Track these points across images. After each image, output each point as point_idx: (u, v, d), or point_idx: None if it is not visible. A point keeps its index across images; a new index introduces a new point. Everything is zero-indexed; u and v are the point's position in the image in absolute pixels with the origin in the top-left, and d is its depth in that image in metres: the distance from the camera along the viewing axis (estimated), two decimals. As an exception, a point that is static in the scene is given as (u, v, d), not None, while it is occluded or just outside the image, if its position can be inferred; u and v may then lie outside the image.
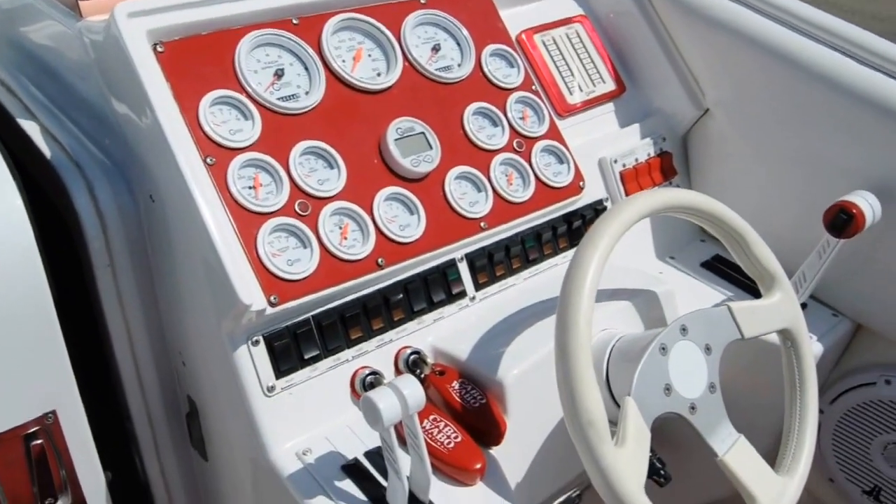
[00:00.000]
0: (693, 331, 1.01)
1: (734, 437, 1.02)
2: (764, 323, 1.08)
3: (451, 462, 0.95)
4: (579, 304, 0.88)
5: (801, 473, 1.05)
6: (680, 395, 0.98)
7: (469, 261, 1.15)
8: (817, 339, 1.26)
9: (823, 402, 1.38)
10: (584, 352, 0.86)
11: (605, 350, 1.07)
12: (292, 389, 0.99)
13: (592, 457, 0.85)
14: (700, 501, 1.48)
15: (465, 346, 1.08)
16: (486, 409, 1.01)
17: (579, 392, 0.85)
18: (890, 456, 1.32)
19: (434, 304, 1.11)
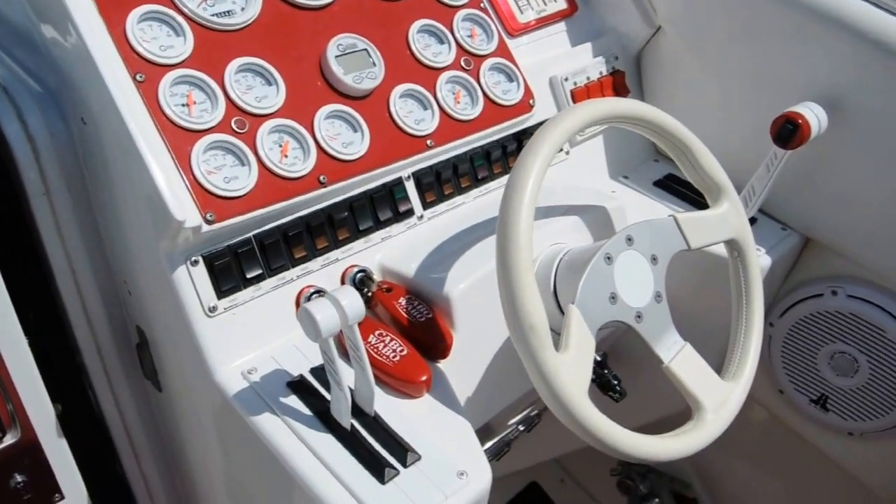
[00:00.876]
0: (639, 241, 1.01)
1: (680, 344, 1.02)
2: (710, 233, 1.08)
3: (397, 375, 0.94)
4: (519, 209, 0.88)
5: (747, 379, 1.07)
6: (625, 303, 0.98)
7: (416, 179, 1.14)
8: (766, 252, 1.27)
9: (773, 316, 1.40)
10: (524, 257, 0.86)
11: (553, 263, 1.07)
12: (235, 310, 0.98)
13: (534, 362, 0.85)
14: (658, 416, 1.50)
15: (412, 264, 1.07)
16: (432, 324, 1.01)
17: (520, 297, 0.85)
18: (836, 365, 1.34)
19: (381, 223, 1.10)
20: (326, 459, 0.86)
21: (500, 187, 1.22)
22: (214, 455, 1.11)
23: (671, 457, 0.97)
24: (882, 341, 1.27)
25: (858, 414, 1.34)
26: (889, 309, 1.25)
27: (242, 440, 0.95)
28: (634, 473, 1.69)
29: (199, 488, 1.29)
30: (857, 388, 1.33)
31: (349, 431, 0.89)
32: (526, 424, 1.51)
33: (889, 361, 1.27)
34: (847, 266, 1.31)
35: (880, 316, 1.26)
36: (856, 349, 1.31)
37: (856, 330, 1.29)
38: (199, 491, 1.29)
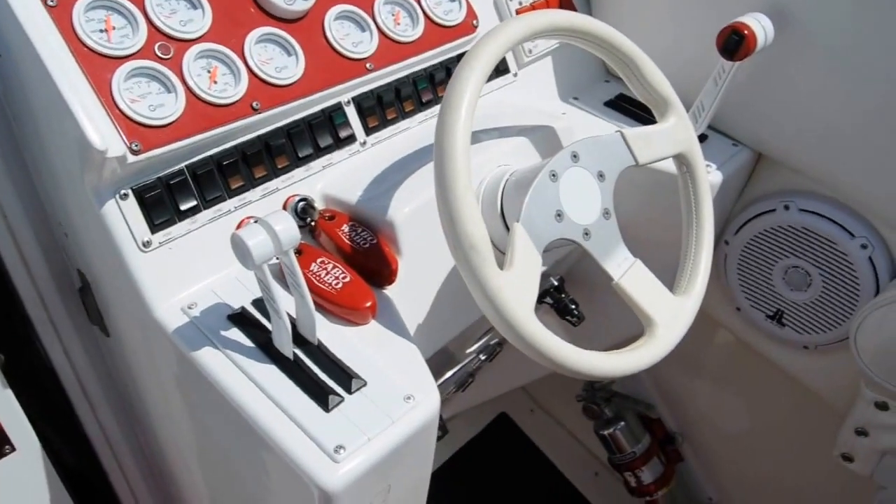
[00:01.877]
0: (585, 157, 0.99)
1: (630, 261, 1.01)
2: (658, 148, 1.06)
3: (340, 302, 0.92)
4: (455, 125, 0.85)
5: (698, 293, 1.06)
6: (572, 220, 0.96)
7: (357, 104, 1.10)
8: (716, 168, 1.25)
9: (728, 234, 1.39)
10: (462, 174, 0.83)
11: (499, 185, 1.04)
12: (171, 244, 0.95)
13: (476, 281, 0.83)
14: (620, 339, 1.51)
15: (355, 191, 1.05)
16: (376, 250, 0.98)
17: (459, 216, 0.83)
18: (790, 280, 1.34)
19: (321, 150, 1.06)
20: (269, 390, 0.85)
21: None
22: (168, 397, 1.09)
23: (623, 372, 0.96)
24: (833, 254, 1.27)
25: (812, 327, 1.35)
26: (839, 221, 1.25)
27: (187, 377, 0.93)
28: (599, 398, 1.70)
29: (159, 433, 1.27)
30: (811, 302, 1.33)
31: (292, 361, 0.87)
32: (487, 353, 1.51)
33: (840, 273, 1.27)
34: (799, 180, 1.30)
35: (831, 228, 1.25)
36: (809, 263, 1.31)
37: (808, 243, 1.29)
38: (160, 435, 1.27)
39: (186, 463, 1.24)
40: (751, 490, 1.77)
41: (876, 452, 1.31)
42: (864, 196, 1.22)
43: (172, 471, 1.34)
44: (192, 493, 1.32)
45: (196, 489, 1.29)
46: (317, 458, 0.80)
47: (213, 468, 1.12)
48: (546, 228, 0.94)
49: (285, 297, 0.90)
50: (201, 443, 1.10)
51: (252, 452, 0.88)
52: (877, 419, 1.27)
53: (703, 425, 1.78)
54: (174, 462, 1.30)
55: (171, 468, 1.34)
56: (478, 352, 1.43)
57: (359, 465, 0.80)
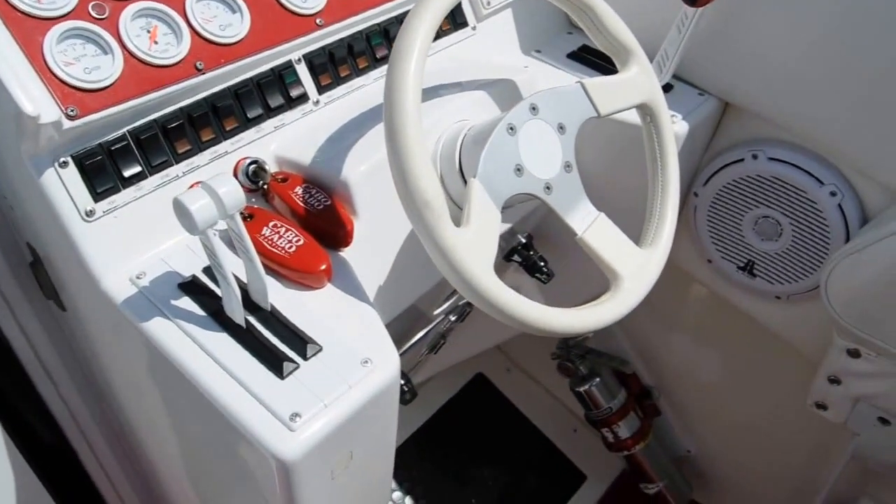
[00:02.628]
0: (544, 110, 0.96)
1: (594, 215, 0.99)
2: (620, 98, 1.03)
3: (293, 266, 0.89)
4: (405, 76, 0.81)
5: (664, 246, 1.04)
6: (533, 175, 0.93)
7: (308, 62, 1.06)
8: (682, 118, 1.22)
9: (697, 185, 1.37)
10: (412, 127, 0.80)
11: (458, 140, 1.01)
12: (116, 212, 0.91)
13: (431, 238, 0.81)
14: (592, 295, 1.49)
15: (309, 151, 1.01)
16: (331, 211, 0.95)
17: (410, 172, 0.80)
18: (760, 230, 1.33)
19: (272, 111, 1.03)
20: (222, 360, 0.82)
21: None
22: (127, 370, 1.07)
23: (589, 328, 0.94)
24: (803, 202, 1.25)
25: (784, 277, 1.34)
26: (808, 169, 1.23)
27: (140, 349, 0.91)
28: (573, 355, 1.69)
29: (125, 406, 1.24)
30: (782, 252, 1.32)
31: (244, 329, 0.84)
32: (457, 314, 1.49)
33: (810, 222, 1.26)
34: (766, 128, 1.27)
35: (800, 176, 1.23)
36: (778, 212, 1.29)
37: (777, 193, 1.27)
38: (126, 409, 1.25)
39: (155, 436, 1.22)
40: (728, 441, 1.77)
41: (849, 400, 1.31)
42: (832, 143, 1.20)
43: (142, 445, 1.32)
44: (164, 465, 1.30)
45: (168, 462, 1.27)
46: (272, 428, 0.77)
47: (180, 441, 1.10)
48: (505, 183, 0.91)
49: (238, 263, 0.87)
50: (165, 416, 1.07)
51: (210, 424, 0.86)
52: (849, 367, 1.27)
53: (678, 379, 1.77)
54: (143, 436, 1.28)
55: (140, 442, 1.31)
56: (446, 312, 1.41)
57: (316, 432, 0.78)
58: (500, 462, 1.90)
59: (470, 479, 1.85)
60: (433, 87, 1.11)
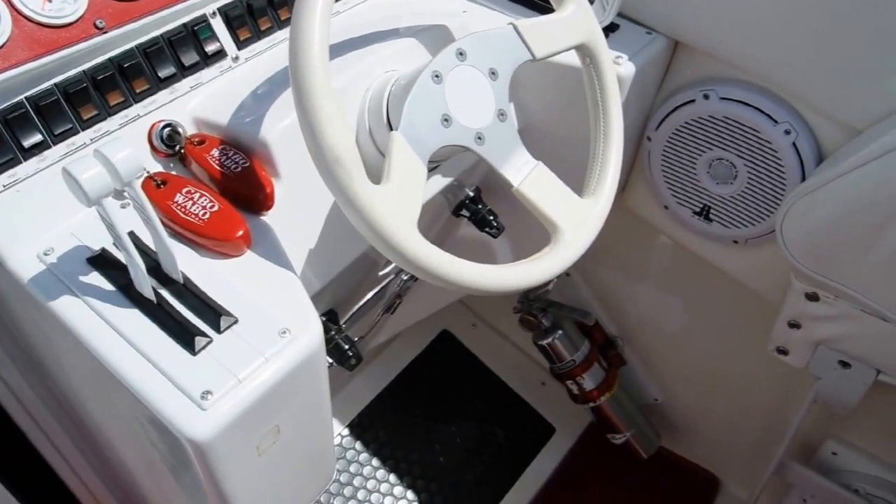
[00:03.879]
0: (473, 54, 0.90)
1: (531, 164, 0.94)
2: (556, 40, 0.98)
3: (207, 234, 0.84)
4: (310, 21, 0.75)
5: (607, 195, 0.99)
6: (462, 125, 0.88)
7: (224, 15, 1.00)
8: (628, 58, 1.16)
9: (650, 129, 1.32)
10: (318, 78, 0.75)
11: (384, 92, 0.96)
12: (19, 186, 0.86)
13: (345, 197, 0.76)
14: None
15: (228, 111, 0.95)
16: (249, 173, 0.90)
17: (319, 126, 0.75)
18: (715, 173, 1.28)
19: (187, 69, 0.97)
20: (130, 337, 0.77)
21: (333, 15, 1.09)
22: (52, 349, 1.02)
23: (529, 284, 0.90)
24: (756, 142, 1.20)
25: (740, 221, 1.29)
26: (762, 107, 1.17)
27: (52, 328, 0.86)
28: (535, 309, 1.65)
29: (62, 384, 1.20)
30: (737, 195, 1.27)
31: (155, 303, 0.80)
32: (408, 273, 1.44)
33: (764, 162, 1.21)
34: (718, 67, 1.22)
35: (753, 115, 1.18)
36: (733, 154, 1.24)
37: (730, 133, 1.22)
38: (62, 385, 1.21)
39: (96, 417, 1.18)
40: (694, 388, 1.75)
41: (809, 344, 1.28)
42: (785, 80, 1.15)
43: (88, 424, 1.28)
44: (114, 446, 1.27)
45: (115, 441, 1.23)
46: (182, 407, 0.73)
47: (113, 421, 1.06)
48: (431, 135, 0.86)
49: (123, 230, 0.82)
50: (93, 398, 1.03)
51: (127, 405, 0.81)
52: (808, 310, 1.23)
53: (642, 327, 1.74)
54: (86, 415, 1.24)
55: (85, 420, 1.27)
56: (396, 272, 1.37)
57: (230, 410, 0.74)
58: (469, 418, 1.88)
59: (438, 436, 1.83)
60: (361, 37, 1.05)
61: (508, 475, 1.79)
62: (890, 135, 1.00)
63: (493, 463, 1.82)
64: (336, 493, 1.68)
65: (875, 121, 1.09)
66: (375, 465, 1.74)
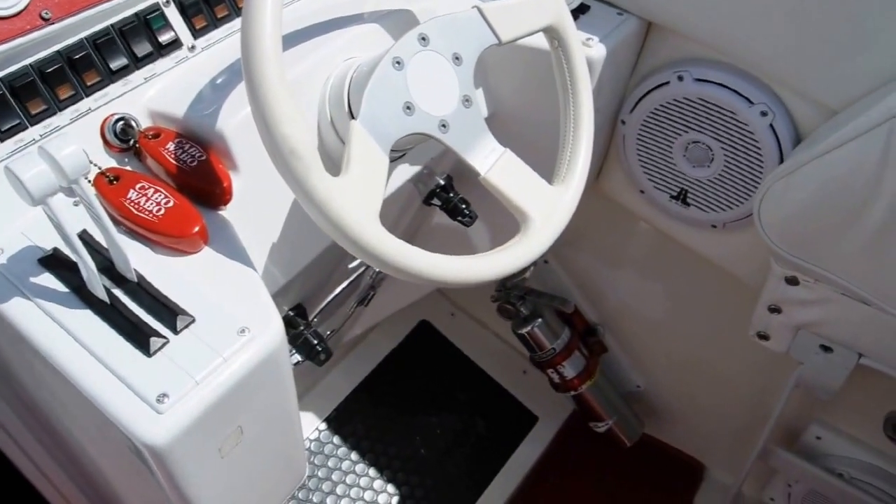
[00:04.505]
0: (436, 39, 0.88)
1: (498, 152, 0.91)
2: (523, 22, 0.95)
3: (162, 230, 0.81)
4: (262, 10, 0.72)
5: (578, 182, 0.97)
6: (425, 112, 0.85)
7: (178, 3, 0.96)
8: (599, 40, 1.14)
9: (624, 112, 1.29)
10: (271, 65, 0.71)
11: (345, 80, 0.93)
12: (-35, 185, 0.82)
13: (302, 190, 0.73)
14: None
15: (184, 102, 0.92)
16: (205, 166, 0.87)
17: (272, 117, 0.71)
18: (691, 156, 1.26)
19: (140, 60, 0.93)
20: (84, 339, 0.74)
21: (287, 5, 1.06)
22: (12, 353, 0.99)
23: (497, 275, 0.88)
24: (732, 124, 1.18)
25: (718, 205, 1.27)
26: (737, 88, 1.15)
27: (5, 333, 0.83)
28: (513, 297, 1.63)
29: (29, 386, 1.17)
30: (715, 179, 1.25)
31: (108, 303, 0.77)
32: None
33: (741, 145, 1.19)
34: (692, 48, 1.19)
35: (728, 97, 1.16)
36: (709, 136, 1.22)
37: (706, 115, 1.20)
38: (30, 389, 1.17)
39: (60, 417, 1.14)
40: (677, 374, 1.74)
41: (790, 329, 1.26)
42: (761, 60, 1.13)
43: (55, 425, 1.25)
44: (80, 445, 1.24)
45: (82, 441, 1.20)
46: (138, 411, 0.70)
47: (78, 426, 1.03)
48: (393, 124, 0.83)
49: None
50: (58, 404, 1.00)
51: (85, 410, 0.78)
52: (788, 295, 1.21)
53: (623, 313, 1.72)
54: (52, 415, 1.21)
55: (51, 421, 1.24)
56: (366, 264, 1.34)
57: (187, 413, 0.71)
58: (450, 409, 1.86)
59: (419, 429, 1.80)
60: (322, 23, 1.02)
61: (491, 466, 1.77)
62: (866, 115, 0.98)
63: (475, 454, 1.80)
64: (314, 488, 1.65)
65: (852, 101, 1.07)
66: (354, 459, 1.71)
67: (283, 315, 1.13)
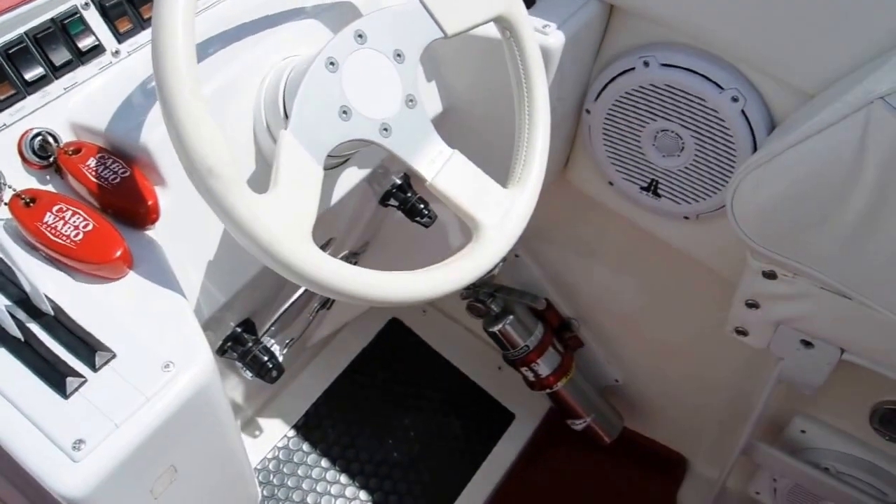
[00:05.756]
0: (374, 36, 0.81)
1: (446, 154, 0.85)
2: (471, 12, 0.88)
3: (80, 257, 0.75)
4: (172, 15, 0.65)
5: (534, 184, 0.91)
6: (364, 116, 0.79)
7: (98, 5, 0.89)
8: (557, 27, 1.07)
9: (588, 101, 1.23)
10: (183, 73, 0.65)
11: (281, 82, 0.86)
12: None
13: (223, 212, 0.67)
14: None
15: (107, 113, 0.85)
16: (128, 183, 0.80)
17: (186, 132, 0.65)
18: (661, 145, 1.20)
19: (59, 69, 0.86)
20: (-6, 381, 0.68)
21: (216, 4, 0.99)
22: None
23: (451, 290, 0.82)
24: (702, 111, 1.12)
25: (690, 196, 1.21)
26: (706, 73, 1.09)
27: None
28: (482, 294, 1.57)
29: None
30: (685, 168, 1.19)
31: (22, 340, 0.70)
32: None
33: (712, 132, 1.13)
34: (657, 31, 1.13)
35: (697, 83, 1.10)
36: (678, 124, 1.16)
37: (674, 102, 1.14)
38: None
39: None
40: (655, 368, 1.69)
41: (769, 324, 1.21)
42: (730, 43, 1.06)
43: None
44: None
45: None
46: (53, 460, 0.65)
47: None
48: (327, 131, 0.76)
49: (28, 261, 0.73)
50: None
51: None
52: (766, 289, 1.16)
53: (598, 307, 1.67)
54: None
55: None
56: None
57: (106, 459, 0.65)
58: (423, 409, 1.80)
59: (391, 432, 1.75)
60: (258, 19, 0.95)
61: (467, 467, 1.72)
62: (841, 101, 0.92)
63: (451, 455, 1.74)
64: (284, 498, 1.60)
65: (828, 84, 1.01)
66: (325, 465, 1.65)
67: (230, 332, 1.07)
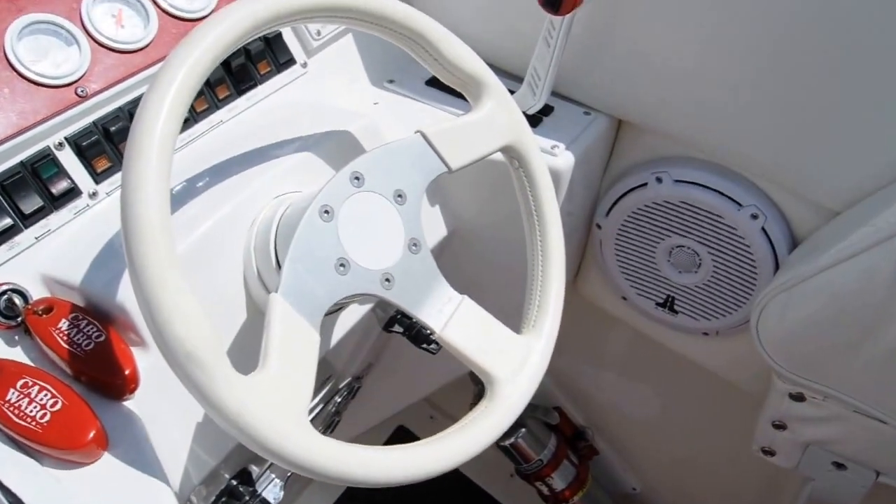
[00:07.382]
0: (372, 177, 0.75)
1: (455, 302, 0.78)
2: (476, 144, 0.82)
3: (48, 442, 0.67)
4: (144, 181, 0.59)
5: (550, 328, 0.84)
6: (363, 268, 0.72)
7: (74, 145, 0.83)
8: (566, 147, 1.01)
9: (599, 216, 1.17)
10: (159, 249, 0.58)
11: (272, 225, 0.80)
12: None
13: (205, 401, 0.59)
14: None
15: (82, 265, 0.78)
16: (103, 350, 0.72)
17: (161, 314, 0.58)
18: (677, 262, 1.13)
19: (29, 217, 0.79)
20: None
21: (205, 133, 0.93)
22: None
23: (466, 459, 0.74)
24: (720, 228, 1.05)
25: (710, 313, 1.14)
26: (722, 189, 1.03)
27: None
28: (491, 408, 1.49)
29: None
30: (704, 285, 1.12)
31: (-25, 548, 0.62)
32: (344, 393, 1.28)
33: (731, 249, 1.06)
34: (669, 146, 1.07)
35: (713, 199, 1.04)
36: (694, 241, 1.09)
37: (690, 219, 1.07)
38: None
39: None
40: (674, 477, 1.59)
41: (798, 445, 1.13)
42: (746, 158, 1.01)
43: None
44: None
45: None
46: None
47: None
48: (324, 289, 0.69)
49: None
50: None
51: None
52: (793, 411, 1.08)
53: (612, 415, 1.58)
54: None
55: None
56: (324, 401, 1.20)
57: None
58: (432, 525, 1.70)
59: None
60: (250, 152, 0.88)
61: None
62: (873, 225, 0.85)
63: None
64: None
65: (854, 201, 0.94)
66: None
67: (225, 485, 0.98)
